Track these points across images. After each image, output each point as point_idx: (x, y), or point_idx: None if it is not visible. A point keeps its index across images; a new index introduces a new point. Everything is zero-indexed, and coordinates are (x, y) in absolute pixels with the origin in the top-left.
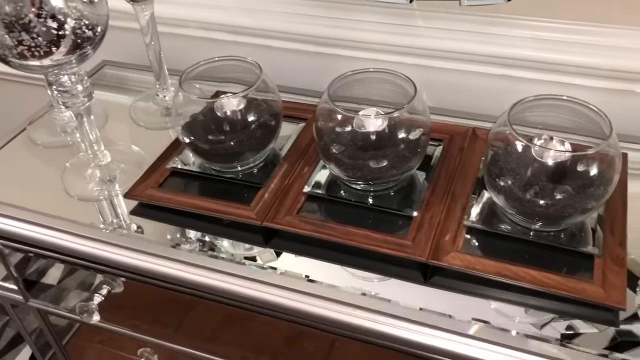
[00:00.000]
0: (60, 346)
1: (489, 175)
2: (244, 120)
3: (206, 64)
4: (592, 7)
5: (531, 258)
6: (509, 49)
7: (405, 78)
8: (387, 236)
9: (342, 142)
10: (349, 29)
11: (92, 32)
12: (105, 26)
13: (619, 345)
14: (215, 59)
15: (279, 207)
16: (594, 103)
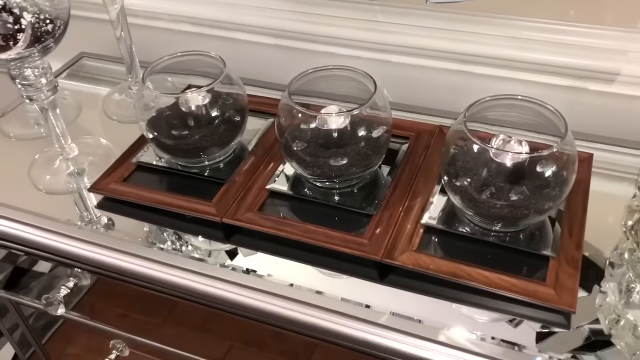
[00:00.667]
0: (39, 343)
1: (447, 175)
2: (208, 116)
3: (170, 58)
4: (553, 5)
5: (488, 259)
6: (472, 46)
7: (365, 75)
8: (345, 234)
9: (302, 139)
10: (320, 24)
11: (52, 26)
12: (66, 19)
13: (593, 344)
14: (178, 54)
15: (240, 203)
16: (554, 100)
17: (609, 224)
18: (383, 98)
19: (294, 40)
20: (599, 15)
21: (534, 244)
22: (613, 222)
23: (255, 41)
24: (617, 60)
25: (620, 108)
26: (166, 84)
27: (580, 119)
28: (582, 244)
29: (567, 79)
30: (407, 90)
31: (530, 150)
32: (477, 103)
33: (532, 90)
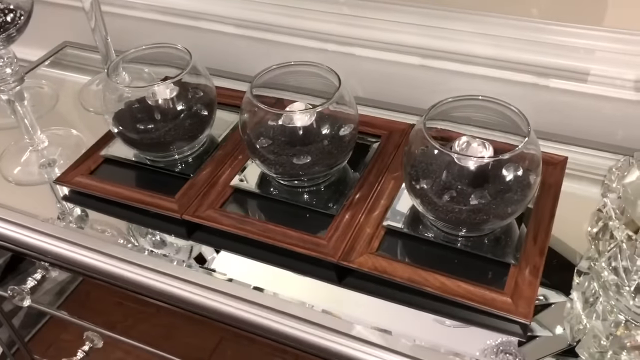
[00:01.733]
0: (21, 340)
1: (408, 177)
2: (173, 110)
3: (137, 51)
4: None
5: (448, 264)
6: (449, 43)
7: (330, 70)
8: (304, 234)
9: (265, 137)
10: (302, 18)
11: (13, 16)
12: (28, 9)
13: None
14: (143, 47)
15: (203, 199)
16: (522, 99)
17: (583, 229)
18: (348, 94)
19: (271, 33)
20: (565, 12)
21: (496, 250)
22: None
23: (230, 32)
24: (584, 59)
25: (589, 108)
26: (142, 74)
27: (552, 119)
28: (546, 251)
29: (535, 77)
30: (385, 87)
31: (494, 152)
32: (440, 104)
33: (503, 89)
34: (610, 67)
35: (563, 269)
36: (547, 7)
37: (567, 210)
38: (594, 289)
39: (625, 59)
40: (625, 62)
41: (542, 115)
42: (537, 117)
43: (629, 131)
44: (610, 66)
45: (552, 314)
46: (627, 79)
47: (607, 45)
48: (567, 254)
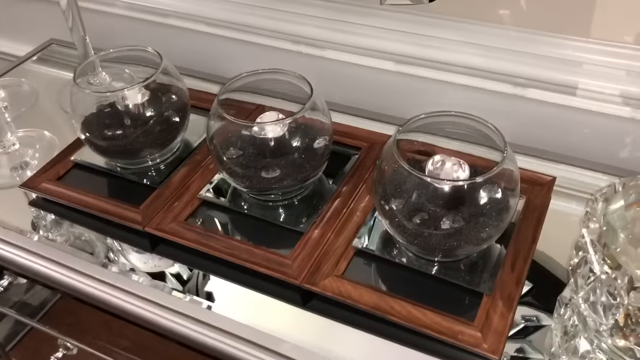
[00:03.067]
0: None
1: (377, 196)
2: (143, 115)
3: (106, 55)
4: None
5: (419, 291)
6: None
7: (301, 78)
8: (269, 253)
9: (233, 148)
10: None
11: None
12: None
13: None
14: (110, 50)
15: (168, 211)
16: (506, 113)
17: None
18: (321, 103)
19: (251, 34)
20: (555, 22)
21: (470, 278)
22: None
23: (210, 33)
24: (572, 72)
25: (579, 123)
26: (123, 75)
27: (540, 134)
28: (524, 280)
29: (521, 88)
30: (367, 95)
31: (470, 171)
32: (414, 119)
33: (488, 100)
34: (599, 80)
35: (552, 289)
36: (531, 17)
37: (557, 229)
38: (574, 322)
39: (614, 72)
40: (615, 76)
41: (528, 130)
42: (523, 131)
43: (625, 150)
44: (600, 80)
45: (536, 339)
46: (614, 94)
47: (595, 58)
48: (557, 271)
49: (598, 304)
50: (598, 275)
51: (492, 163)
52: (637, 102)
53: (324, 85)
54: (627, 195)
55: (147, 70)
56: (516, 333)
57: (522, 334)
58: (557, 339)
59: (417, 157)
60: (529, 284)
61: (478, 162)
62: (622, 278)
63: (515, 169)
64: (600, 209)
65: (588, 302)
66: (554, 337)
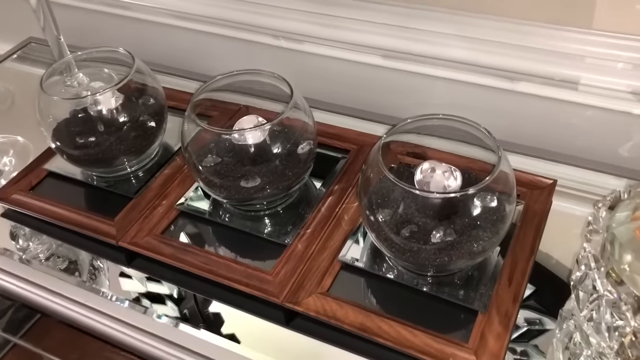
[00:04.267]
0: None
1: (363, 206)
2: (115, 121)
3: (77, 57)
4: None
5: (408, 309)
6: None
7: (281, 79)
8: (249, 268)
9: (209, 156)
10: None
11: None
12: None
13: None
14: (79, 54)
15: (144, 223)
16: (503, 109)
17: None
18: (303, 105)
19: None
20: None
21: (464, 294)
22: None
23: (190, 28)
24: (574, 67)
25: (580, 120)
26: (102, 75)
27: (538, 132)
28: (522, 296)
29: (517, 83)
30: (356, 92)
31: (463, 177)
32: (402, 123)
33: (482, 95)
34: (602, 75)
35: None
36: (529, 8)
37: (559, 232)
38: (576, 339)
39: (618, 66)
40: (619, 70)
41: (526, 128)
42: (520, 129)
43: (631, 148)
44: (602, 74)
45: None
46: (620, 89)
47: (597, 51)
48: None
49: (602, 324)
50: (602, 294)
51: (486, 165)
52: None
53: (307, 81)
54: (633, 204)
55: (124, 70)
56: (518, 337)
57: (524, 338)
58: (559, 355)
59: (406, 159)
60: (531, 286)
61: (471, 165)
62: (628, 298)
63: (510, 173)
64: (603, 220)
65: (592, 322)
66: (555, 353)
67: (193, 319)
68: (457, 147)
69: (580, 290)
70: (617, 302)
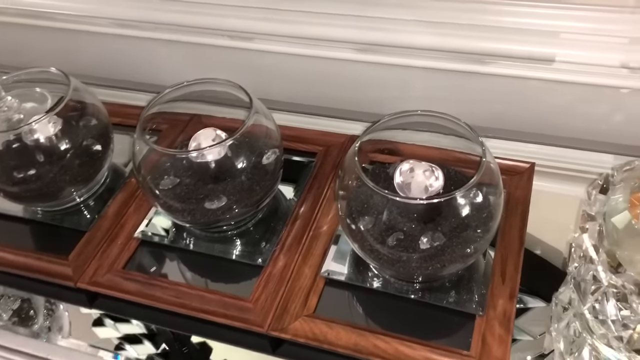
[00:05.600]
0: None
1: (342, 214)
2: (57, 149)
3: (2, 81)
4: None
5: (402, 321)
6: (384, 34)
7: (239, 88)
8: (225, 297)
9: (165, 177)
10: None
11: None
12: None
13: None
14: (4, 78)
15: (103, 258)
16: (485, 93)
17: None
18: (264, 110)
19: (178, 33)
20: None
21: (456, 297)
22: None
23: (131, 35)
24: (549, 44)
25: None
26: (33, 95)
27: (515, 113)
28: (517, 292)
29: (489, 66)
30: (316, 88)
31: (445, 173)
32: (378, 123)
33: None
34: (578, 51)
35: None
36: None
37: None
38: (576, 329)
39: (595, 40)
40: (596, 44)
41: (502, 111)
42: (496, 112)
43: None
44: (578, 50)
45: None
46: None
47: (572, 26)
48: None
49: (607, 315)
50: (605, 285)
51: (465, 156)
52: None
53: (259, 81)
54: (628, 188)
55: (58, 88)
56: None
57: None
58: (559, 345)
59: (378, 157)
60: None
61: (449, 157)
62: (630, 285)
63: (495, 166)
64: (596, 204)
65: (595, 313)
66: (555, 343)
67: (174, 355)
68: (431, 137)
69: (581, 281)
70: (622, 292)
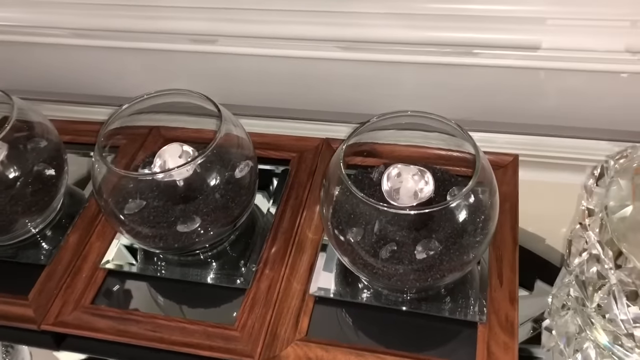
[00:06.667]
0: None
1: (328, 226)
2: (5, 178)
3: None
4: None
5: (401, 335)
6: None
7: (204, 98)
8: (208, 326)
9: (130, 200)
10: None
11: None
12: None
13: None
14: None
15: (67, 294)
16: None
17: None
18: (231, 119)
19: (126, 41)
20: None
21: (454, 305)
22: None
23: (82, 45)
24: (534, 31)
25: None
26: None
27: (499, 105)
28: (517, 293)
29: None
30: (283, 90)
31: (435, 175)
32: (360, 129)
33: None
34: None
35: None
36: None
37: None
38: (578, 327)
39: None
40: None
41: (485, 102)
42: (479, 105)
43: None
44: (564, 36)
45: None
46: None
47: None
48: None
49: (617, 314)
50: (614, 283)
51: (452, 154)
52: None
53: (227, 86)
54: (625, 175)
55: None
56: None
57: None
58: (559, 343)
59: (361, 160)
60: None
61: (434, 155)
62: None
63: (487, 166)
64: (595, 200)
65: (604, 315)
66: (558, 342)
67: None
68: (414, 135)
69: (584, 279)
70: (630, 289)
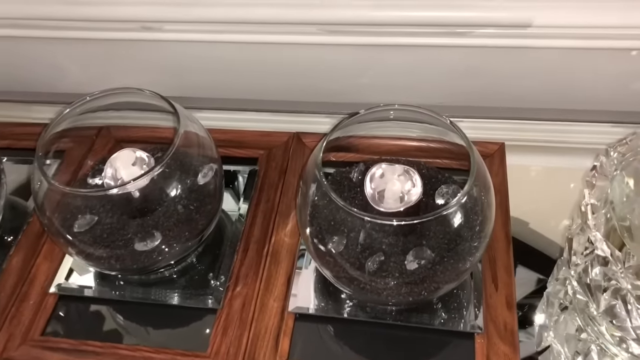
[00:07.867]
0: None
1: (307, 236)
2: None
3: None
4: None
5: (392, 351)
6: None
7: (155, 95)
8: (176, 354)
9: (82, 216)
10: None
11: None
12: None
13: None
14: None
15: (12, 326)
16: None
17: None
18: (189, 117)
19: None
20: None
21: (447, 316)
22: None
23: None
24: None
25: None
26: None
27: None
28: (514, 298)
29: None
30: (241, 80)
31: (421, 176)
32: (341, 125)
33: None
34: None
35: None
36: None
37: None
38: (579, 329)
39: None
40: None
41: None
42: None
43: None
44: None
45: None
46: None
47: None
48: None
49: (631, 321)
50: (626, 288)
51: (437, 144)
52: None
53: (177, 76)
54: (627, 166)
55: None
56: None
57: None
58: (559, 347)
59: (343, 156)
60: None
61: (418, 149)
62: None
63: (482, 163)
64: (597, 195)
65: (612, 320)
66: (560, 347)
67: None
68: (395, 126)
69: (588, 280)
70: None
